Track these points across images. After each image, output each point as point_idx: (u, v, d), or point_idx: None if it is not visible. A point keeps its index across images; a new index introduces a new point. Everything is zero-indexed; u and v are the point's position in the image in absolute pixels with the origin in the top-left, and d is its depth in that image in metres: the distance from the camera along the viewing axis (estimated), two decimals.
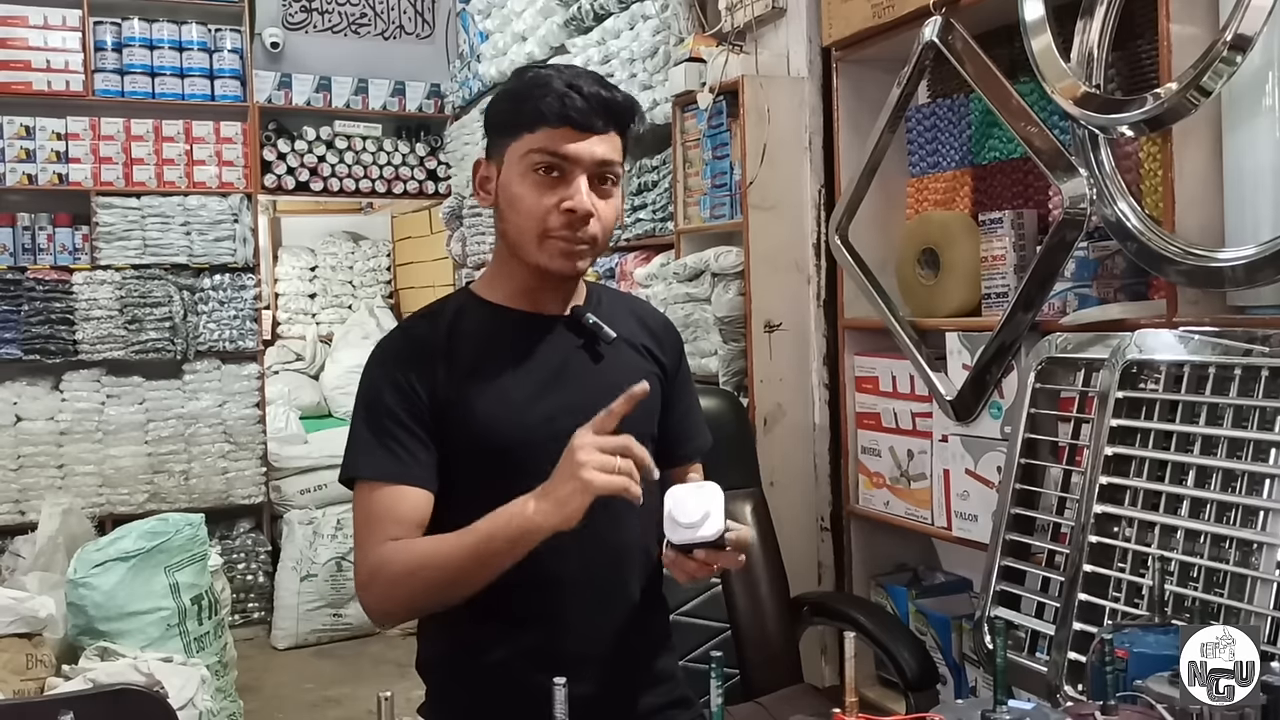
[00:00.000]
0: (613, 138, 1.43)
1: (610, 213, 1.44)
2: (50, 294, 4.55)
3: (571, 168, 1.40)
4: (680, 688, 1.57)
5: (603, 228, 1.44)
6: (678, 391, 1.61)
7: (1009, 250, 2.20)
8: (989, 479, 2.19)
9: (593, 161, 1.40)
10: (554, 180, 1.41)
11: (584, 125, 1.39)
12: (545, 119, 1.39)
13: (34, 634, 2.79)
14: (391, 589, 1.38)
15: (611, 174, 1.43)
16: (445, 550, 1.34)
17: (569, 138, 1.39)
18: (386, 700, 0.91)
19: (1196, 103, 1.68)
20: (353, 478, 1.43)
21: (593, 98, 1.40)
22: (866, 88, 2.59)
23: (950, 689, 2.43)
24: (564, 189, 1.40)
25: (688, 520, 1.29)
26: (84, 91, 4.61)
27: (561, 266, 1.43)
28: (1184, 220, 1.79)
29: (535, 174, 1.41)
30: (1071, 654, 1.68)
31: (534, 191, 1.41)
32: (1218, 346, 1.62)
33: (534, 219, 1.42)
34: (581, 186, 1.40)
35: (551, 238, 1.41)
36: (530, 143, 1.40)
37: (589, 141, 1.40)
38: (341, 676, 4.30)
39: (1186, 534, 1.60)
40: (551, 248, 1.42)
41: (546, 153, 1.40)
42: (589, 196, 1.40)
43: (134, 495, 4.65)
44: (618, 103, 1.43)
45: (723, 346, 2.83)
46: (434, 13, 5.44)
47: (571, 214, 1.40)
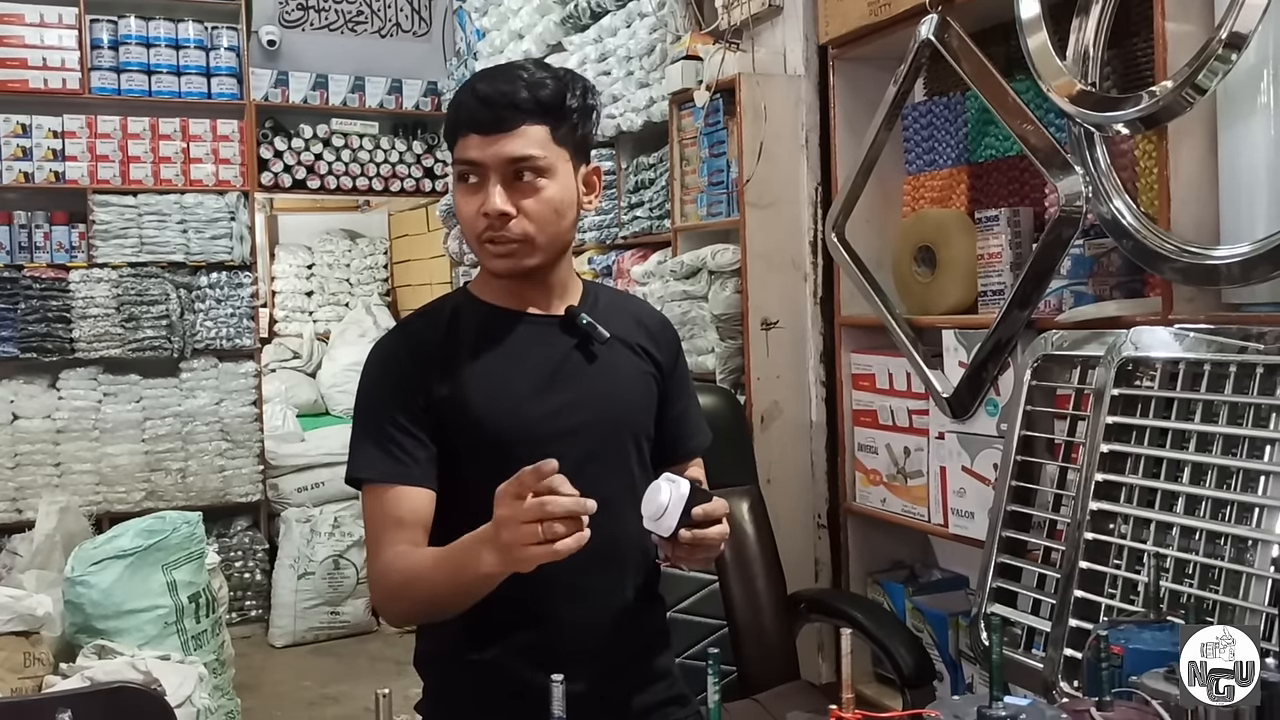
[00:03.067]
0: (529, 131, 1.40)
1: (540, 207, 1.42)
2: (47, 292, 4.54)
3: (484, 171, 1.41)
4: (677, 685, 1.58)
5: (535, 223, 1.42)
6: (675, 390, 1.61)
7: (1005, 248, 2.20)
8: (985, 476, 2.20)
9: (499, 161, 1.40)
10: (474, 187, 1.42)
11: (487, 128, 1.40)
12: (457, 129, 1.43)
13: (31, 632, 2.79)
14: (393, 600, 1.43)
15: (530, 168, 1.41)
16: (427, 573, 1.36)
17: (475, 143, 1.41)
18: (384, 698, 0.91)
19: (1192, 101, 1.68)
20: (356, 479, 1.46)
21: (490, 98, 1.40)
22: (863, 85, 2.59)
23: (947, 685, 2.43)
24: (483, 194, 1.41)
25: (648, 513, 1.35)
26: (80, 89, 4.60)
27: (500, 267, 1.45)
28: (1179, 218, 1.80)
29: (462, 183, 1.44)
30: (1067, 651, 1.68)
31: (463, 200, 1.44)
32: (1213, 344, 1.63)
33: (467, 227, 1.45)
34: (493, 189, 1.40)
35: (484, 243, 1.43)
36: (456, 154, 1.44)
37: (494, 143, 1.40)
38: (339, 674, 4.30)
39: (1182, 531, 1.61)
40: (487, 252, 1.44)
41: (460, 162, 1.43)
42: (501, 198, 1.40)
43: (131, 493, 4.64)
44: (530, 96, 1.40)
45: (719, 344, 2.84)
46: (431, 10, 5.43)
47: (488, 217, 1.40)
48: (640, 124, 3.27)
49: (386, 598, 1.43)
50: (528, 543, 1.19)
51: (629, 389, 1.53)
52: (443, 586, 1.35)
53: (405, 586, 1.39)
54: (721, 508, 1.36)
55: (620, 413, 1.52)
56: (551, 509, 1.19)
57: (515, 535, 1.20)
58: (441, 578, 1.34)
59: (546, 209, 1.43)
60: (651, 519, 1.35)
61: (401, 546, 1.40)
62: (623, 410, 1.52)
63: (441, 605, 1.38)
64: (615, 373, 1.51)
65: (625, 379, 1.52)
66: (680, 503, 1.32)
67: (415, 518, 1.42)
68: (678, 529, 1.33)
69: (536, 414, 1.44)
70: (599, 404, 1.48)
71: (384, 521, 1.42)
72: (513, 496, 1.22)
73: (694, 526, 1.33)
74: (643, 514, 1.36)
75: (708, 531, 1.34)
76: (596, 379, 1.49)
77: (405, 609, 1.45)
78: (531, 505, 1.19)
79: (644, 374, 1.55)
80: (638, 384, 1.54)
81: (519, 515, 1.20)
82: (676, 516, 1.32)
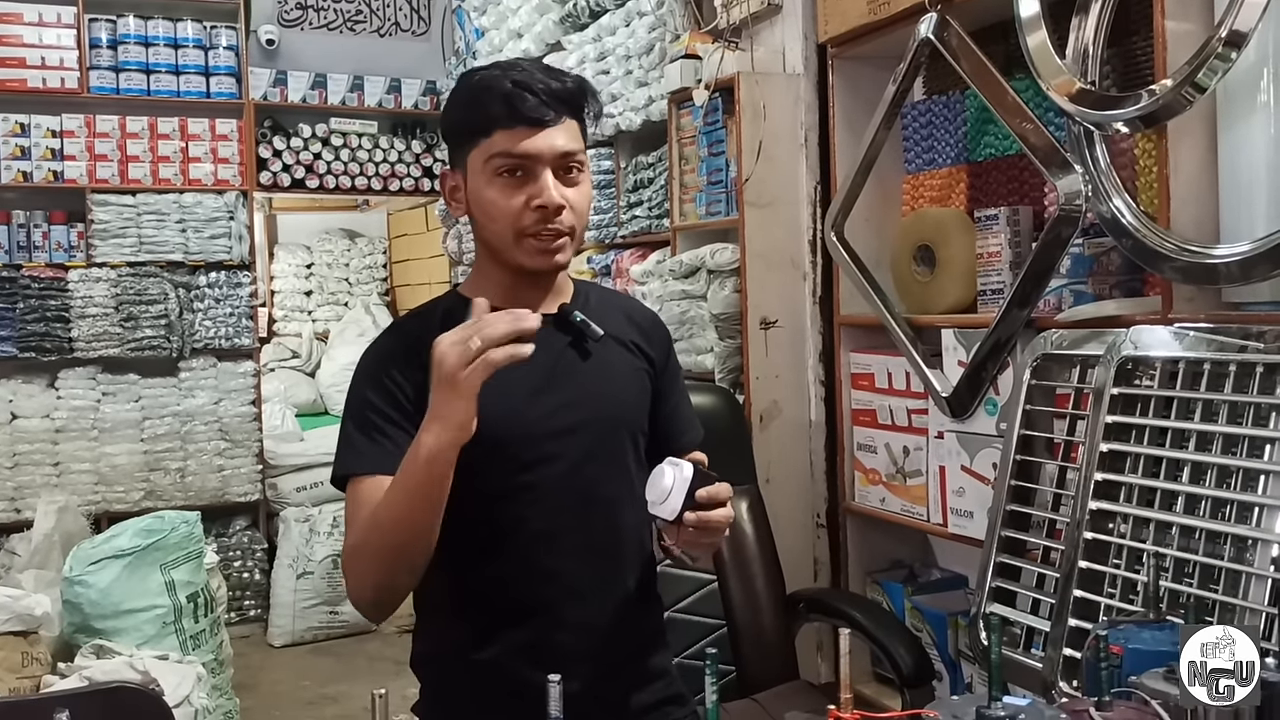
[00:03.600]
0: (569, 125, 1.42)
1: (581, 200, 1.43)
2: (45, 291, 4.53)
3: (534, 165, 1.39)
4: (674, 684, 1.57)
5: (577, 216, 1.43)
6: (667, 386, 1.61)
7: (1004, 247, 2.20)
8: (985, 475, 2.19)
9: (554, 154, 1.40)
10: (520, 180, 1.40)
11: (537, 120, 1.39)
12: (498, 122, 1.39)
13: (29, 632, 2.79)
14: (358, 560, 1.37)
15: (575, 162, 1.42)
16: (383, 505, 1.33)
17: (525, 135, 1.39)
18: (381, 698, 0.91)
19: (1191, 99, 1.68)
20: (344, 475, 1.42)
21: (540, 90, 1.39)
22: (862, 84, 2.59)
23: (946, 685, 2.43)
24: (531, 186, 1.40)
25: (652, 497, 1.34)
26: (79, 89, 4.60)
27: (542, 263, 1.43)
28: (1179, 217, 1.79)
29: (501, 177, 1.41)
30: (1067, 650, 1.68)
31: (503, 194, 1.41)
32: (1213, 343, 1.62)
33: (508, 222, 1.41)
34: (548, 181, 1.39)
35: (527, 236, 1.41)
36: (489, 148, 1.40)
37: (545, 134, 1.39)
38: (338, 674, 4.29)
39: (1182, 530, 1.60)
40: (529, 246, 1.42)
41: (507, 155, 1.40)
42: (556, 189, 1.39)
43: (130, 493, 4.64)
44: (567, 89, 1.42)
45: (718, 343, 2.83)
46: (430, 10, 5.43)
47: (544, 210, 1.39)
48: (639, 123, 3.27)
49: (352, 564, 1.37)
50: (467, 359, 1.23)
51: (624, 386, 1.53)
52: (397, 506, 1.31)
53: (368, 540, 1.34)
54: (725, 490, 1.35)
55: (616, 410, 1.51)
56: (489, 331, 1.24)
57: (452, 356, 1.24)
58: (394, 500, 1.31)
59: (586, 202, 1.45)
60: (655, 503, 1.34)
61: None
62: (618, 408, 1.52)
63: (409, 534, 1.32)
64: (610, 370, 1.50)
65: (620, 376, 1.52)
66: (684, 485, 1.31)
67: None
68: (682, 511, 1.32)
69: (533, 414, 1.44)
70: (595, 402, 1.47)
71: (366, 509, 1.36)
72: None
73: (698, 509, 1.32)
74: (646, 498, 1.35)
75: (712, 514, 1.33)
76: (591, 377, 1.48)
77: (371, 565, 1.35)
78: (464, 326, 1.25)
79: (638, 370, 1.55)
80: (632, 381, 1.54)
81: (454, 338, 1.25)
82: (681, 498, 1.31)
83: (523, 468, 1.41)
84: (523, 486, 1.39)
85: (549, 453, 1.41)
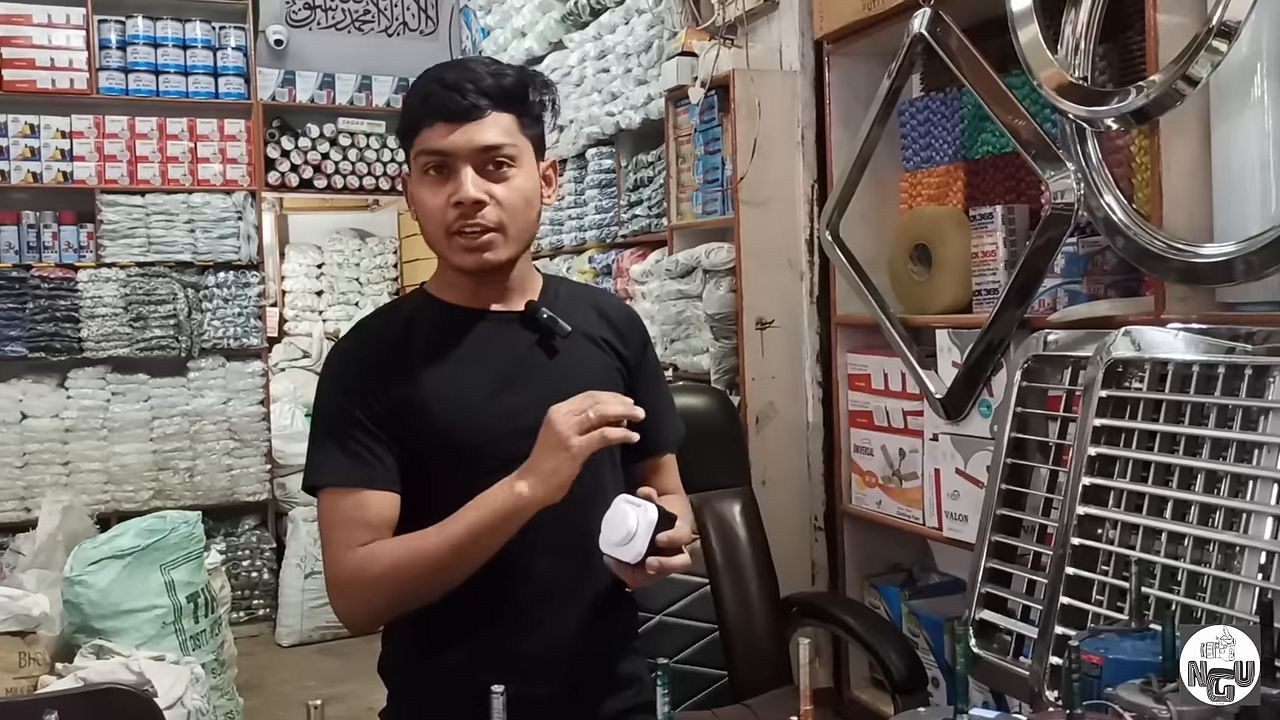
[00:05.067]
0: (498, 119, 1.39)
1: (512, 195, 1.40)
2: (55, 292, 4.55)
3: (454, 160, 1.38)
4: (646, 692, 1.54)
5: (507, 212, 1.40)
6: (643, 384, 1.57)
7: (1000, 245, 2.16)
8: (979, 479, 2.16)
9: (472, 150, 1.38)
10: (443, 178, 1.39)
11: (456, 115, 1.37)
12: (421, 120, 1.39)
13: (27, 632, 2.79)
14: (374, 589, 1.36)
15: (503, 157, 1.39)
16: (429, 543, 1.34)
17: (444, 131, 1.38)
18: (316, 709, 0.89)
19: (1183, 93, 1.64)
20: (316, 485, 1.41)
21: (459, 86, 1.37)
22: (858, 81, 2.56)
23: (942, 691, 2.39)
24: (453, 184, 1.38)
25: (614, 538, 1.31)
26: (88, 89, 4.61)
27: (471, 261, 1.41)
28: (1172, 215, 1.76)
29: (427, 175, 1.40)
30: (1053, 659, 1.64)
31: (429, 192, 1.40)
32: (1204, 344, 1.59)
33: (433, 220, 1.41)
34: (465, 177, 1.37)
35: (453, 234, 1.40)
36: (418, 145, 1.40)
37: (464, 130, 1.37)
38: (344, 674, 4.28)
39: (1169, 536, 1.57)
40: (456, 245, 1.40)
41: (428, 152, 1.39)
42: (476, 185, 1.37)
43: (139, 493, 4.66)
44: (498, 84, 1.39)
45: (714, 344, 2.81)
46: (437, 9, 5.42)
47: (461, 206, 1.37)
48: (639, 121, 3.24)
49: (365, 592, 1.37)
50: (584, 428, 1.28)
51: (592, 384, 1.49)
52: (450, 551, 1.33)
53: (396, 568, 1.34)
54: (684, 535, 1.34)
55: None
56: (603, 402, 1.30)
57: (571, 423, 1.29)
58: (450, 540, 1.33)
59: (518, 197, 1.41)
60: (616, 544, 1.31)
61: (375, 542, 1.37)
62: None
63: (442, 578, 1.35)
64: (577, 367, 1.48)
65: (587, 373, 1.49)
66: (649, 528, 1.28)
67: (383, 520, 1.39)
68: (646, 555, 1.29)
69: (496, 413, 1.42)
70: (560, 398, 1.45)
71: (350, 524, 1.37)
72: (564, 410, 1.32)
73: (660, 553, 1.29)
74: (603, 537, 1.32)
75: (673, 560, 1.31)
76: (558, 375, 1.46)
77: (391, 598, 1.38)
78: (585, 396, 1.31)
79: (608, 368, 1.52)
80: (602, 378, 1.51)
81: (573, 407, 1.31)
82: (646, 542, 1.28)
83: (489, 469, 1.39)
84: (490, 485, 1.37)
85: (515, 452, 1.39)
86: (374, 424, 1.40)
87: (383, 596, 1.37)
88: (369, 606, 1.39)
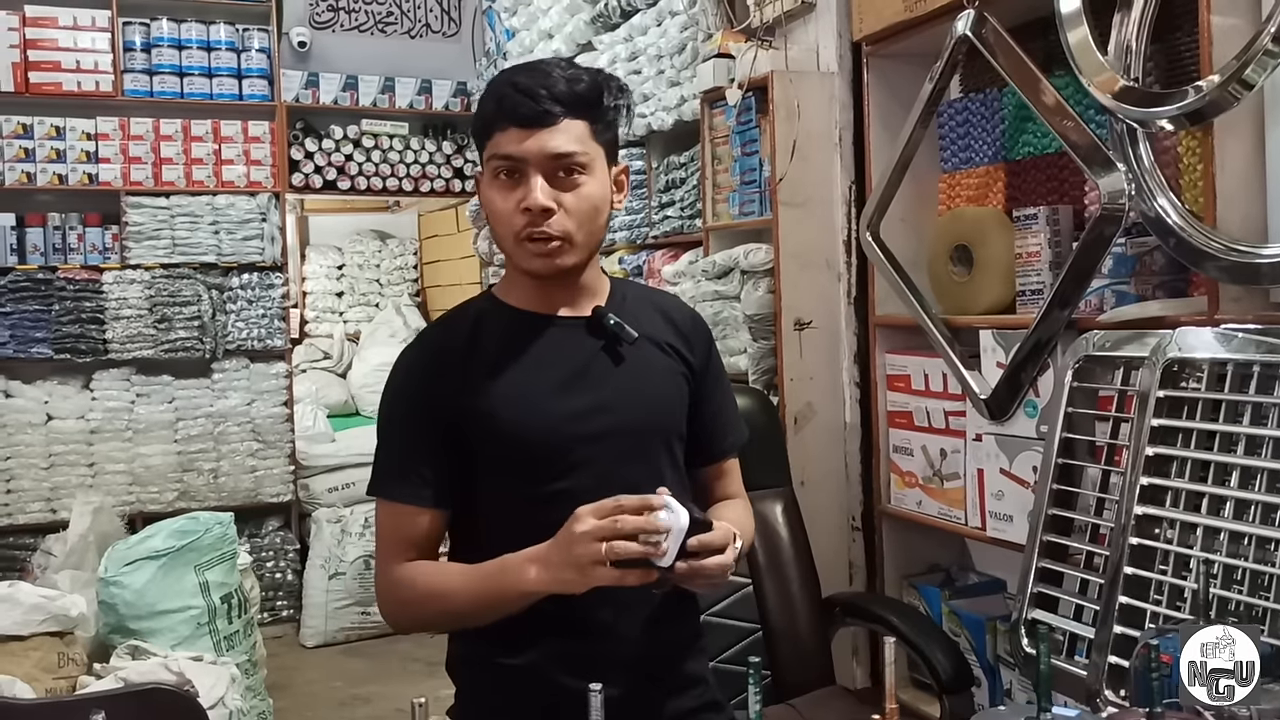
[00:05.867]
0: (570, 126, 1.39)
1: (581, 203, 1.40)
2: (80, 293, 4.57)
3: (524, 166, 1.39)
4: (711, 691, 1.55)
5: (575, 220, 1.40)
6: (708, 388, 1.58)
7: (1044, 246, 2.16)
8: (1024, 479, 2.16)
9: (543, 156, 1.38)
10: (514, 182, 1.40)
11: (528, 121, 1.37)
12: (495, 124, 1.40)
13: (65, 632, 2.81)
14: (405, 610, 1.45)
15: (574, 164, 1.39)
16: (454, 590, 1.40)
17: (517, 137, 1.38)
18: (421, 706, 0.89)
19: (1239, 96, 1.65)
20: (373, 495, 1.48)
21: (533, 91, 1.37)
22: (897, 83, 2.56)
23: (985, 691, 2.39)
24: (523, 189, 1.39)
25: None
26: (113, 92, 4.63)
27: (539, 267, 1.42)
28: (1225, 215, 1.76)
29: (498, 179, 1.41)
30: (1112, 658, 1.65)
31: (499, 196, 1.41)
32: (1262, 344, 1.59)
33: (503, 224, 1.42)
34: (534, 184, 1.38)
35: (522, 240, 1.40)
36: (490, 149, 1.41)
37: (537, 136, 1.38)
38: (370, 674, 4.30)
39: (1230, 535, 1.57)
40: (525, 250, 1.41)
41: (500, 156, 1.40)
42: (544, 193, 1.38)
43: (164, 494, 4.67)
44: (570, 91, 1.39)
45: (752, 344, 2.81)
46: (460, 11, 5.43)
47: (529, 212, 1.38)
48: (671, 123, 3.25)
49: (399, 608, 1.46)
50: (595, 559, 1.25)
51: (658, 389, 1.50)
52: (468, 603, 1.38)
53: (424, 600, 1.41)
54: (719, 538, 1.31)
55: (649, 415, 1.49)
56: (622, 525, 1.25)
57: (590, 552, 1.25)
58: (470, 594, 1.37)
59: (587, 206, 1.41)
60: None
61: (414, 563, 1.43)
62: (652, 412, 1.50)
63: (462, 621, 1.43)
64: (644, 373, 1.48)
65: (654, 379, 1.50)
66: (680, 535, 1.28)
67: (427, 539, 1.45)
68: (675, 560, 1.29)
69: (563, 419, 1.42)
70: (627, 407, 1.46)
71: (395, 538, 1.45)
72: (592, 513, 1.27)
73: (689, 557, 1.29)
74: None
75: (705, 563, 1.30)
76: (624, 381, 1.47)
77: (418, 622, 1.50)
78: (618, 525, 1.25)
79: (674, 373, 1.53)
80: (668, 384, 1.52)
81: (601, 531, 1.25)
82: (676, 547, 1.28)
83: (558, 474, 1.40)
84: (558, 492, 1.38)
85: (583, 458, 1.40)
86: (431, 439, 1.43)
87: (412, 618, 1.48)
88: (401, 621, 1.49)
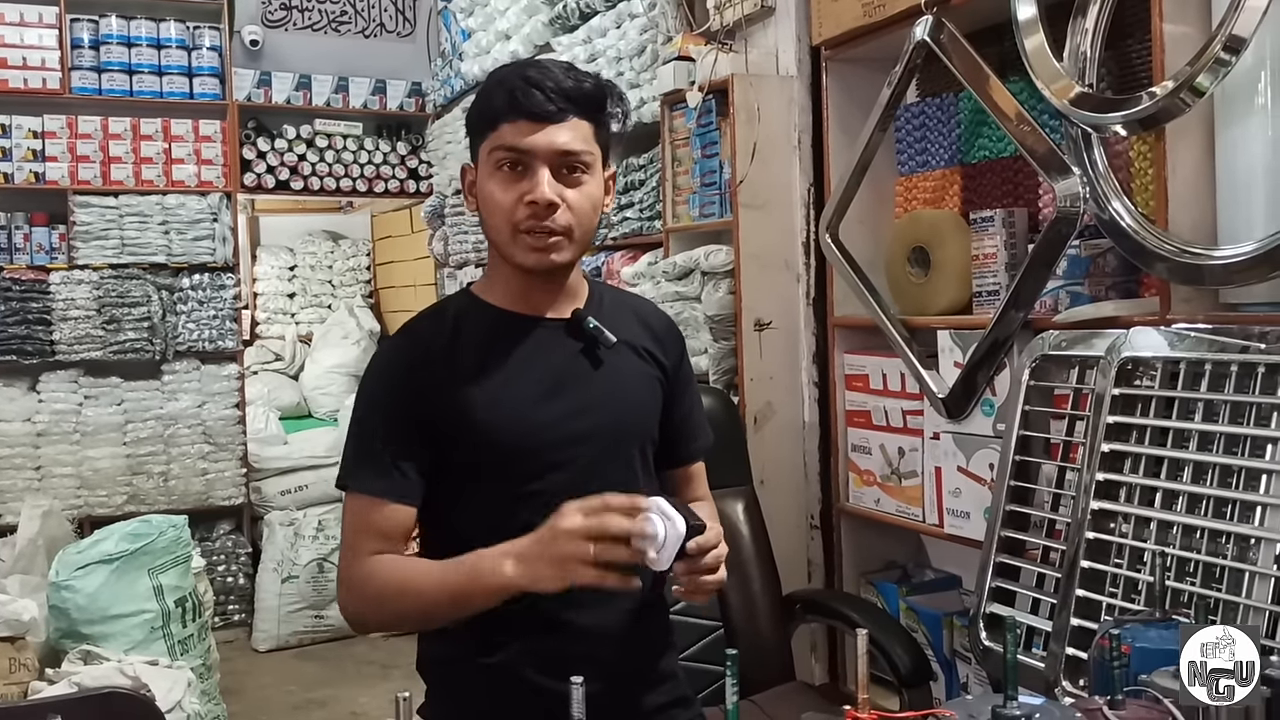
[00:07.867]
0: (577, 125, 1.40)
1: (583, 201, 1.41)
2: (27, 294, 4.48)
3: (531, 160, 1.39)
4: (681, 686, 1.57)
5: (576, 217, 1.41)
6: (679, 392, 1.60)
7: (1000, 248, 2.21)
8: (981, 476, 2.20)
9: (551, 151, 1.39)
10: (518, 175, 1.40)
11: (539, 115, 1.38)
12: (503, 115, 1.39)
13: (16, 637, 2.76)
14: (372, 605, 1.41)
15: (579, 162, 1.40)
16: (427, 583, 1.36)
17: (525, 130, 1.38)
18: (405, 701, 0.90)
19: (1190, 102, 1.69)
20: (344, 486, 1.45)
21: (547, 86, 1.38)
22: (856, 86, 2.60)
23: (942, 685, 2.43)
24: (527, 182, 1.39)
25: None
26: (60, 89, 4.55)
27: (535, 261, 1.42)
28: (1177, 218, 1.81)
29: (500, 171, 1.40)
30: (1069, 650, 1.69)
31: (500, 188, 1.41)
32: (1213, 344, 1.63)
33: (502, 216, 1.41)
34: (542, 177, 1.38)
35: (521, 233, 1.40)
36: (494, 140, 1.40)
37: (547, 131, 1.38)
38: (324, 678, 4.26)
39: (1183, 529, 1.62)
40: (522, 243, 1.41)
41: (505, 148, 1.39)
42: (550, 187, 1.38)
43: (113, 497, 4.59)
44: (581, 89, 1.40)
45: (713, 345, 2.83)
46: (415, 10, 5.41)
47: (534, 206, 1.38)
48: (630, 125, 3.26)
49: (365, 604, 1.42)
50: (585, 560, 1.22)
51: (635, 394, 1.52)
52: (439, 598, 1.34)
53: (393, 595, 1.38)
54: (711, 540, 1.32)
55: (626, 419, 1.50)
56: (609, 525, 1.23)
57: (574, 549, 1.23)
58: (442, 588, 1.34)
59: (587, 204, 1.42)
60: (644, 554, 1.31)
61: (384, 556, 1.40)
62: (628, 416, 1.51)
63: (430, 617, 1.39)
64: (621, 378, 1.50)
65: (631, 384, 1.51)
66: (677, 540, 1.28)
67: (398, 533, 1.42)
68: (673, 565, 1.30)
69: (541, 421, 1.43)
70: (605, 411, 1.46)
71: (365, 531, 1.41)
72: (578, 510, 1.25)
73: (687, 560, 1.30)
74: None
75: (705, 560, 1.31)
76: (602, 384, 1.48)
77: (385, 616, 1.45)
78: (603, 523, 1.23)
79: (650, 378, 1.54)
80: (643, 389, 1.53)
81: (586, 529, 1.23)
82: (673, 553, 1.29)
83: (533, 475, 1.41)
84: (533, 493, 1.38)
85: (559, 460, 1.41)
86: (407, 434, 1.41)
87: (379, 614, 1.43)
88: (363, 617, 1.44)
